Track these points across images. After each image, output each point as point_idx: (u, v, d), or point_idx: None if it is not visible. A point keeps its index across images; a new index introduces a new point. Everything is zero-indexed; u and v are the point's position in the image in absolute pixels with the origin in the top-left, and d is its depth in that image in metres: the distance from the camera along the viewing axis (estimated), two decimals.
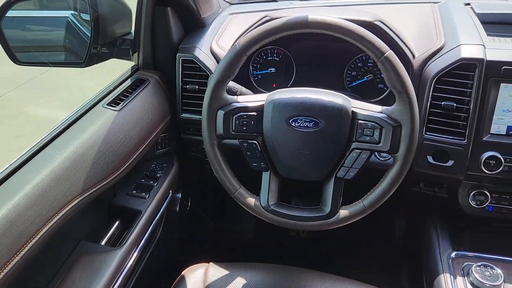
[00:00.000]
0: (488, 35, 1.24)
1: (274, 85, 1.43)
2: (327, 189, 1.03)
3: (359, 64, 1.36)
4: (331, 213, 1.01)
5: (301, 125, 0.99)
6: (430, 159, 1.16)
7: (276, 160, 1.03)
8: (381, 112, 0.97)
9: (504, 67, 1.07)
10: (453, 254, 1.18)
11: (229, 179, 1.05)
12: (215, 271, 1.18)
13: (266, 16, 1.29)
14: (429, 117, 1.15)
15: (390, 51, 0.93)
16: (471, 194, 1.20)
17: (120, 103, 1.18)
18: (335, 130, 0.98)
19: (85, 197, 0.97)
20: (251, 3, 1.71)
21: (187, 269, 1.21)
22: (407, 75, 0.94)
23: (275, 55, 1.41)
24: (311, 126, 0.98)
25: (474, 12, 1.33)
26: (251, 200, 1.05)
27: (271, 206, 1.04)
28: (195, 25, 1.40)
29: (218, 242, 1.93)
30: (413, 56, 1.20)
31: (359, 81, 1.37)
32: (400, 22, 1.32)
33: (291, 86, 1.32)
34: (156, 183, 1.30)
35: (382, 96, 1.36)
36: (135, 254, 1.13)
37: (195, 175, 1.63)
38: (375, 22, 1.15)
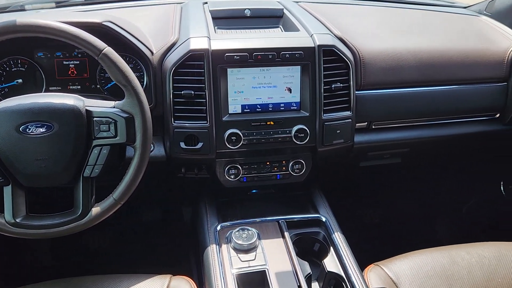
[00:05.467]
0: (218, 28, 1.40)
1: None
2: (77, 190, 1.03)
3: None
4: (83, 213, 1.02)
5: (33, 131, 0.96)
6: (182, 144, 1.26)
7: (15, 172, 0.99)
8: (114, 107, 1.02)
9: (226, 54, 1.23)
10: (218, 227, 1.30)
11: None
12: None
13: None
14: (175, 107, 1.25)
15: (108, 47, 0.98)
16: (226, 169, 1.34)
17: None
18: (71, 131, 0.98)
19: None
20: None
21: None
22: (129, 69, 1.00)
23: (19, 65, 1.34)
24: (44, 130, 0.97)
25: (209, 9, 1.48)
26: None
27: (19, 220, 0.99)
28: None
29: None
30: (152, 53, 1.28)
31: (113, 82, 1.39)
32: (142, 22, 1.40)
33: None
34: None
35: None
36: None
37: None
38: (104, 23, 1.19)
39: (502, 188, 1.90)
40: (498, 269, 1.22)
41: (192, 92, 1.23)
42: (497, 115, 1.55)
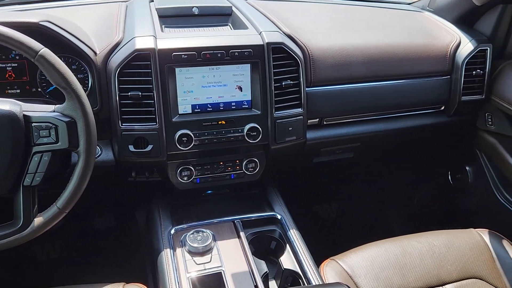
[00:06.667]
0: (166, 27, 1.36)
1: None
2: (17, 200, 0.97)
3: None
4: (24, 225, 0.96)
5: None
6: (131, 147, 1.22)
7: None
8: (54, 111, 0.96)
9: (173, 53, 1.20)
10: (172, 231, 1.27)
11: None
12: None
13: None
14: (122, 109, 1.20)
15: (45, 49, 0.93)
16: (179, 171, 1.31)
17: None
18: (8, 138, 0.92)
19: None
20: None
21: None
22: (69, 70, 0.95)
23: None
24: None
25: (155, 7, 1.44)
26: None
27: None
28: None
29: None
30: (95, 53, 1.23)
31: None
32: (84, 21, 1.34)
33: None
34: None
35: None
36: None
37: None
38: (42, 23, 1.13)
39: (449, 177, 1.97)
40: (448, 256, 1.27)
41: (140, 93, 1.19)
42: (442, 108, 1.61)
